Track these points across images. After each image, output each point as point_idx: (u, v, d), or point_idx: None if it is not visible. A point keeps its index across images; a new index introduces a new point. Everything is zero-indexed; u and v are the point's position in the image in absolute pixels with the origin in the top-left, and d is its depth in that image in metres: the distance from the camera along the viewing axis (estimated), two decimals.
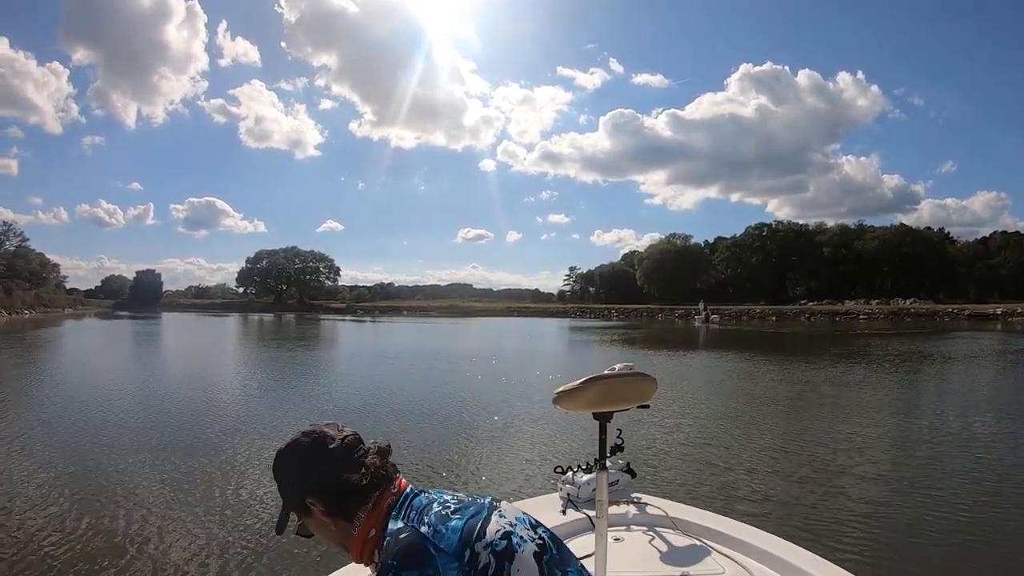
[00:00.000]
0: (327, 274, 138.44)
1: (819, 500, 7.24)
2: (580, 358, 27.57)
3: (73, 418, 11.96)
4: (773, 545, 2.66)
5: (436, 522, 1.42)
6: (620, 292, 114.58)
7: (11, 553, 5.67)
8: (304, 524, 1.59)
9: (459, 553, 1.36)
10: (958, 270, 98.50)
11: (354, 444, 1.55)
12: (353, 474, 1.51)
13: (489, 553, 1.37)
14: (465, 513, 1.45)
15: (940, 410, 13.11)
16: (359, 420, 11.84)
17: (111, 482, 7.71)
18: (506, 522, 1.46)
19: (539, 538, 1.48)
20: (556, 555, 1.49)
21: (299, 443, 1.56)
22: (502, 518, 1.47)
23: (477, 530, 1.41)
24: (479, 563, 1.36)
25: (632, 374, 2.16)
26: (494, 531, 1.42)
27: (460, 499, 1.52)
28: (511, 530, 1.44)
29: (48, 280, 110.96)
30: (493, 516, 1.47)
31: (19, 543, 5.88)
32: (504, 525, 1.45)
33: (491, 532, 1.41)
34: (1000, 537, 6.15)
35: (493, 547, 1.38)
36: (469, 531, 1.40)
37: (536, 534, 1.49)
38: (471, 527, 1.41)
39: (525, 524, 1.50)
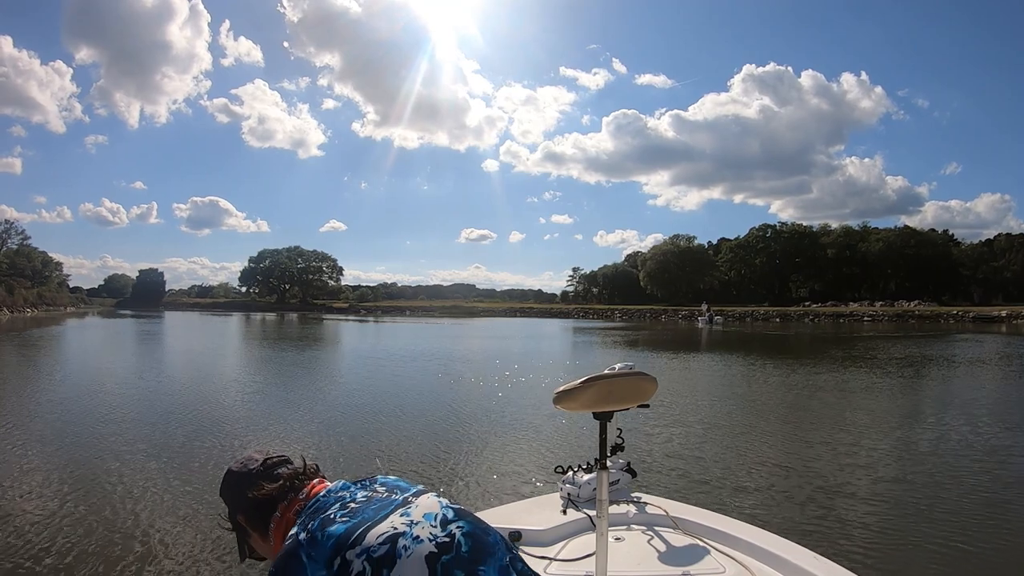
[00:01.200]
0: (330, 274, 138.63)
1: (820, 500, 7.21)
2: (583, 359, 27.31)
3: (68, 416, 11.83)
4: (774, 544, 2.66)
5: (317, 528, 1.39)
6: (623, 293, 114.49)
7: (9, 553, 5.61)
8: (251, 546, 1.69)
9: (328, 561, 1.32)
10: (962, 272, 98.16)
11: (275, 464, 1.66)
12: (264, 486, 1.60)
13: (364, 560, 1.31)
14: (356, 515, 1.42)
15: (944, 413, 12.95)
16: (358, 421, 11.76)
17: (107, 482, 7.59)
18: (405, 521, 1.41)
19: (446, 536, 1.40)
20: (465, 554, 1.39)
21: (229, 470, 1.70)
22: (404, 516, 1.42)
23: (356, 535, 1.36)
24: (351, 571, 1.30)
25: (632, 374, 2.16)
26: (378, 535, 1.36)
27: (369, 497, 1.50)
28: (403, 531, 1.38)
29: (51, 278, 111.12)
30: (392, 516, 1.42)
31: (17, 542, 5.84)
32: (399, 525, 1.39)
33: (373, 536, 1.35)
34: (1002, 538, 6.11)
35: (370, 553, 1.32)
36: (346, 537, 1.36)
37: (444, 531, 1.41)
38: (350, 532, 1.37)
39: (433, 520, 1.43)
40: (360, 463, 8.74)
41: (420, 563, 1.32)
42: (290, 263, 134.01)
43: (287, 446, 9.47)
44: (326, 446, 9.76)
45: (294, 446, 9.67)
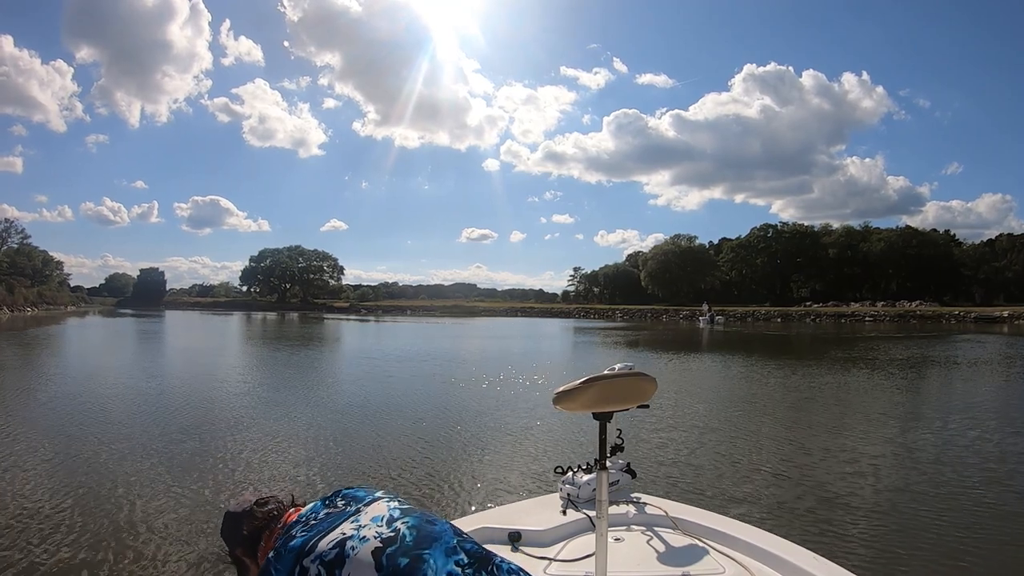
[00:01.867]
0: (331, 273, 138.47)
1: (820, 500, 7.20)
2: (583, 360, 27.23)
3: (60, 415, 11.73)
4: (773, 545, 2.67)
5: (281, 545, 1.61)
6: (624, 292, 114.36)
7: (7, 553, 5.59)
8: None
9: (290, 571, 1.52)
10: (964, 273, 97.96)
11: (264, 502, 1.84)
12: (254, 522, 1.79)
13: (318, 565, 1.50)
14: (312, 529, 1.63)
15: (947, 415, 12.83)
16: (355, 422, 11.67)
17: (102, 481, 7.52)
18: (353, 527, 1.58)
19: (391, 532, 1.56)
20: (409, 543, 1.55)
21: (227, 512, 1.87)
22: (353, 523, 1.61)
23: (310, 544, 1.55)
24: (308, 575, 1.50)
25: (631, 374, 2.16)
26: (328, 542, 1.55)
27: (328, 513, 1.71)
28: (351, 535, 1.55)
29: (51, 277, 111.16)
30: (343, 524, 1.61)
31: (12, 542, 5.81)
32: (347, 531, 1.57)
33: (323, 544, 1.55)
34: (1002, 539, 6.11)
35: (322, 558, 1.51)
36: (302, 547, 1.56)
37: (390, 528, 1.58)
38: (305, 543, 1.57)
39: (380, 521, 1.60)
40: (351, 466, 8.64)
41: (367, 558, 1.49)
42: (291, 262, 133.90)
43: (282, 447, 9.50)
44: (319, 450, 9.62)
45: (289, 447, 9.58)
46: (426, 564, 1.51)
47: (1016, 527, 6.46)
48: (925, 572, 5.40)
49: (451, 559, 1.54)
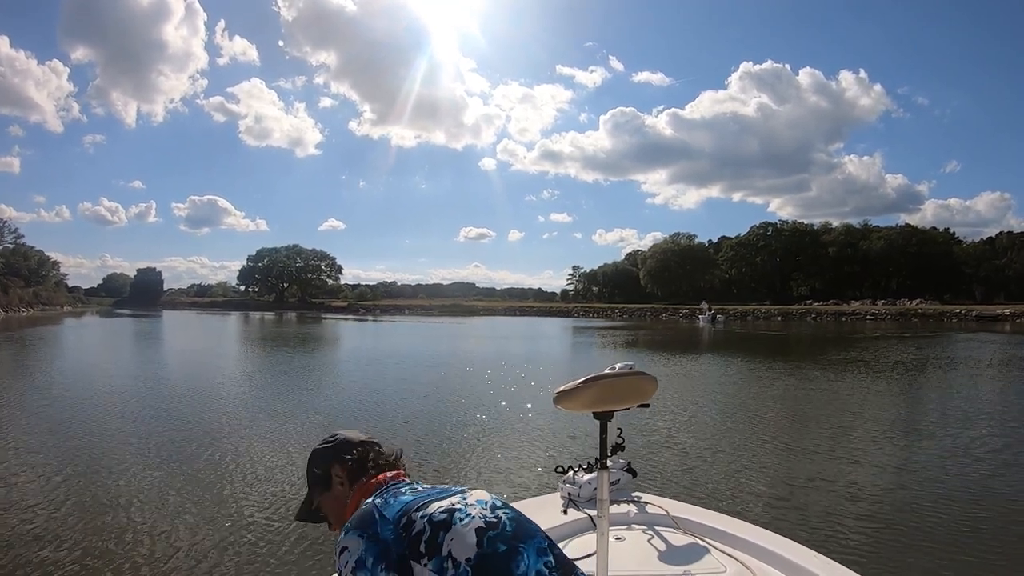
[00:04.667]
0: (329, 272, 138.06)
1: (821, 499, 7.21)
2: (581, 363, 26.87)
3: (50, 418, 11.48)
4: (775, 544, 2.66)
5: (389, 497, 1.66)
6: (623, 291, 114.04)
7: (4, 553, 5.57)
8: (319, 504, 1.92)
9: (396, 519, 1.55)
10: (964, 271, 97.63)
11: (375, 443, 1.93)
12: (368, 453, 1.87)
13: (425, 521, 1.54)
14: (421, 494, 1.67)
15: (948, 414, 12.66)
16: (352, 423, 11.19)
17: (94, 482, 7.43)
18: (461, 500, 1.62)
19: (494, 517, 1.60)
20: (508, 532, 1.59)
21: (338, 433, 1.95)
22: (460, 497, 1.64)
23: (420, 503, 1.60)
24: (413, 528, 1.53)
25: (632, 373, 2.16)
26: (439, 507, 1.58)
27: (432, 487, 1.75)
28: (459, 508, 1.59)
29: (47, 278, 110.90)
30: (450, 497, 1.64)
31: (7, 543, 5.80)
32: (456, 503, 1.61)
33: (434, 507, 1.58)
34: (1005, 539, 6.08)
35: (431, 517, 1.55)
36: (412, 503, 1.60)
37: (493, 515, 1.61)
38: (416, 500, 1.62)
39: (484, 505, 1.63)
40: None
41: (471, 534, 1.53)
42: (289, 262, 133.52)
43: (277, 449, 9.26)
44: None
45: (282, 448, 9.33)
46: (520, 557, 1.55)
47: (1020, 527, 6.42)
48: (927, 570, 5.37)
49: (541, 559, 1.58)
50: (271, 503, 6.93)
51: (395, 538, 1.53)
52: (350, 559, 1.52)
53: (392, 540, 1.53)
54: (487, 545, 1.54)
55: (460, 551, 1.50)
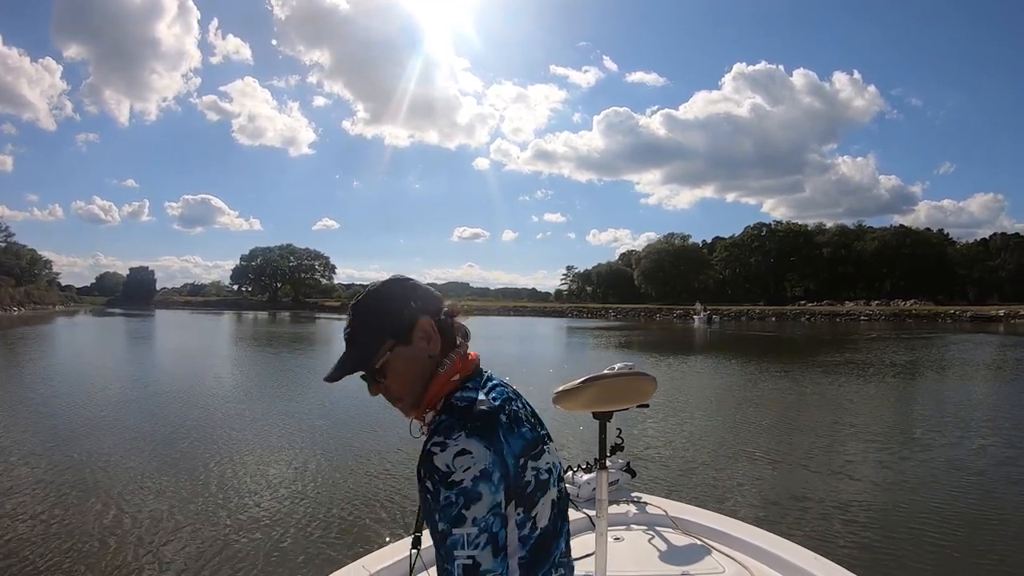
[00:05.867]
0: (322, 272, 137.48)
1: (820, 500, 7.22)
2: (582, 363, 26.71)
3: (34, 419, 11.40)
4: (774, 544, 2.66)
5: (511, 419, 1.37)
6: (617, 292, 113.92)
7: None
8: (386, 362, 1.43)
9: (517, 457, 1.33)
10: (958, 272, 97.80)
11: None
12: (455, 319, 1.52)
13: (534, 476, 1.36)
14: (532, 430, 1.41)
15: (946, 417, 12.55)
16: (350, 424, 11.21)
17: (79, 489, 7.27)
18: (553, 460, 1.44)
19: (559, 493, 1.45)
20: (563, 507, 1.47)
21: (406, 276, 1.54)
22: (551, 455, 1.45)
23: (535, 451, 1.38)
24: (524, 478, 1.34)
25: (631, 373, 2.17)
26: (545, 463, 1.40)
27: (527, 411, 1.47)
28: (552, 468, 1.42)
29: (40, 277, 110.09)
30: (547, 453, 1.43)
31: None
32: (552, 462, 1.43)
33: (542, 462, 1.39)
34: (1000, 538, 6.13)
35: (538, 473, 1.37)
36: (531, 446, 1.37)
37: (558, 490, 1.45)
38: (533, 443, 1.38)
39: (559, 473, 1.46)
40: (346, 467, 8.19)
41: (550, 504, 1.39)
42: (282, 261, 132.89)
43: (272, 453, 9.19)
44: (312, 452, 9.29)
45: (280, 452, 9.24)
46: (561, 539, 1.45)
47: (1018, 529, 6.44)
48: (925, 571, 5.40)
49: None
50: (266, 503, 6.83)
51: (514, 473, 1.31)
52: (474, 466, 1.24)
53: (512, 472, 1.31)
54: (552, 522, 1.40)
55: (541, 519, 1.36)
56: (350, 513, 6.72)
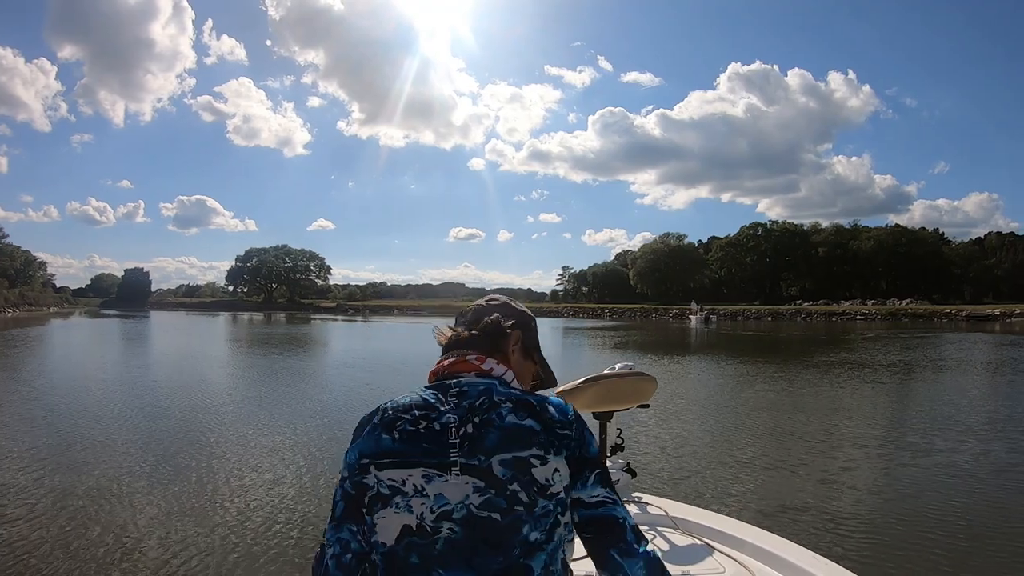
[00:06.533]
0: (318, 273, 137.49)
1: (820, 500, 7.20)
2: (580, 364, 26.61)
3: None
4: (774, 544, 2.64)
5: (384, 423, 1.37)
6: (613, 292, 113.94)
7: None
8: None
9: (362, 455, 1.34)
10: (954, 271, 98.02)
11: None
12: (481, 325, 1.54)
13: (376, 483, 1.31)
14: (404, 444, 1.34)
15: (948, 417, 12.42)
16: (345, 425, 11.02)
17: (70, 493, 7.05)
18: (430, 488, 1.28)
19: (435, 527, 1.26)
20: (434, 547, 1.25)
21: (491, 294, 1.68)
22: (432, 483, 1.28)
23: (390, 462, 1.31)
24: (364, 479, 1.32)
25: (632, 374, 2.21)
26: (404, 479, 1.29)
27: (435, 429, 1.38)
28: (416, 491, 1.28)
29: (34, 278, 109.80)
30: (425, 472, 1.29)
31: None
32: (420, 486, 1.28)
33: (399, 475, 1.30)
34: (1004, 539, 6.08)
35: (381, 485, 1.30)
36: (386, 455, 1.32)
37: (444, 525, 1.26)
38: (392, 454, 1.32)
39: (450, 508, 1.26)
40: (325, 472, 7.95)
41: (402, 529, 1.32)
42: (277, 262, 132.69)
43: (266, 455, 8.99)
44: (308, 455, 9.05)
45: (274, 454, 9.04)
46: None
47: (1018, 527, 6.41)
48: (926, 571, 5.36)
49: None
50: (263, 504, 6.75)
51: (352, 465, 1.35)
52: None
53: (352, 464, 1.36)
54: (405, 551, 1.31)
55: (383, 535, 1.32)
56: None
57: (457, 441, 1.30)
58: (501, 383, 1.41)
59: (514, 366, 1.51)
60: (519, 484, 1.26)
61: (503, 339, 1.52)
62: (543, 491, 1.27)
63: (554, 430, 1.32)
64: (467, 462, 1.28)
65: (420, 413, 1.34)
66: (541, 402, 1.36)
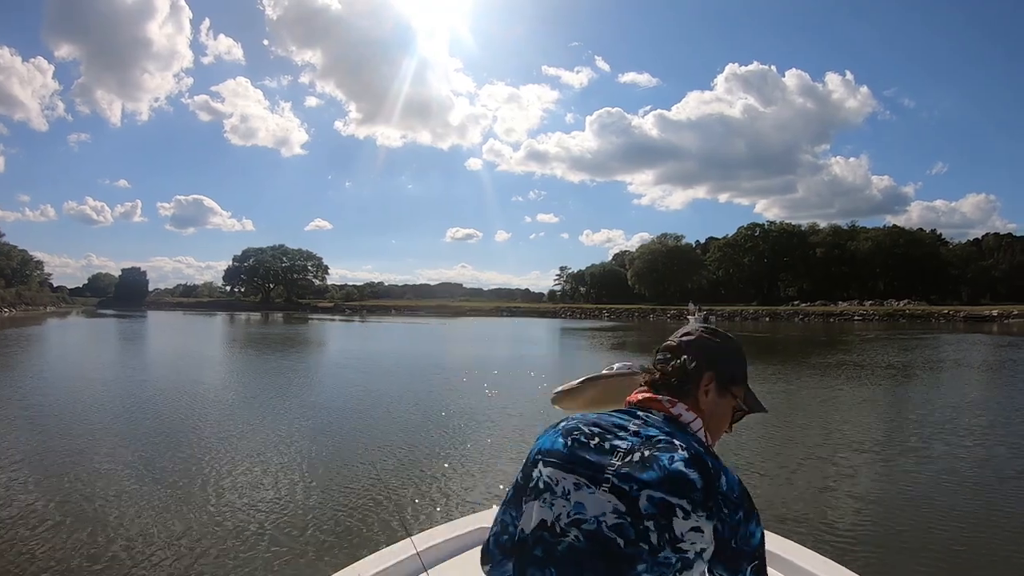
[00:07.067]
0: (315, 273, 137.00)
1: (820, 499, 7.22)
2: (577, 365, 26.53)
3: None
4: (774, 544, 2.58)
5: (566, 429, 1.50)
6: (611, 292, 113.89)
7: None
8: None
9: (538, 451, 1.50)
10: (951, 272, 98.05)
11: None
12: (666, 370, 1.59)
13: (538, 477, 1.45)
14: (569, 450, 1.47)
15: (950, 418, 12.36)
16: (343, 425, 10.93)
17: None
18: (574, 495, 1.40)
19: (561, 532, 1.38)
20: (555, 548, 1.38)
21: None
22: (577, 491, 1.42)
23: (553, 461, 1.46)
24: (532, 471, 1.48)
25: (631, 374, 2.15)
26: (555, 480, 1.43)
27: (596, 442, 1.48)
28: (556, 489, 1.42)
29: (31, 278, 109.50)
30: (574, 478, 1.44)
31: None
32: (566, 490, 1.41)
33: (554, 475, 1.44)
34: (1005, 540, 6.09)
35: (539, 479, 1.45)
36: (553, 455, 1.46)
37: (571, 532, 1.38)
38: (557, 455, 1.46)
39: (575, 516, 1.39)
40: (341, 467, 7.87)
41: (538, 522, 1.44)
42: (274, 262, 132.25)
43: (264, 455, 8.94)
44: (306, 455, 8.94)
45: (271, 454, 8.95)
46: None
47: (1019, 529, 6.41)
48: (927, 571, 5.36)
49: None
50: (260, 506, 6.70)
51: (529, 460, 1.51)
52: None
53: (529, 458, 1.51)
54: (533, 544, 1.45)
55: (524, 523, 1.46)
56: (345, 517, 6.57)
57: (618, 463, 1.36)
58: (686, 430, 1.46)
59: (707, 407, 1.53)
60: (655, 525, 1.29)
61: (692, 384, 1.53)
62: (673, 543, 1.29)
63: (714, 495, 1.32)
64: (618, 484, 1.33)
65: (598, 430, 1.44)
66: (716, 467, 1.36)
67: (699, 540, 1.30)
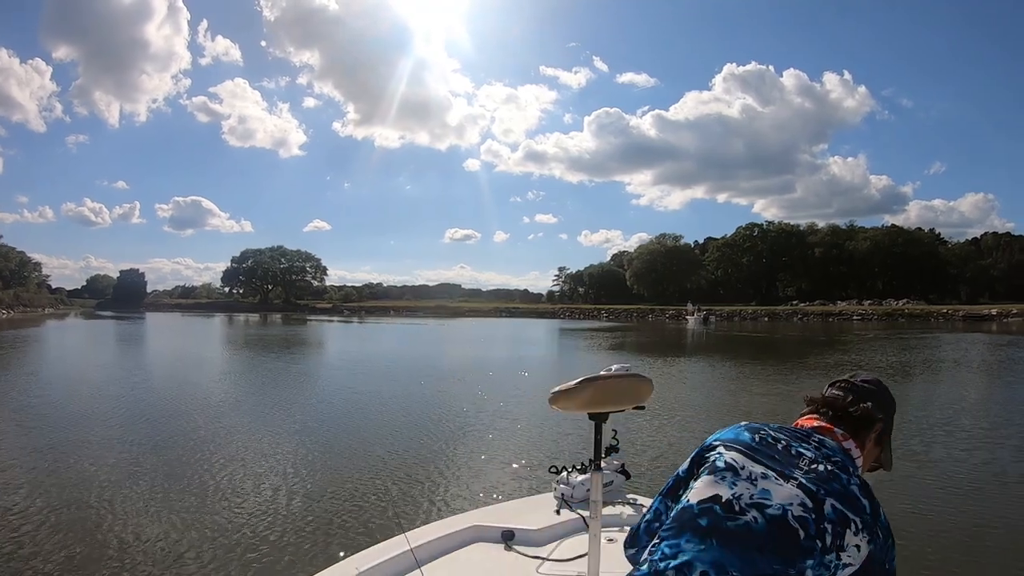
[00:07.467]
0: (313, 274, 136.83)
1: None
2: (577, 367, 26.48)
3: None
4: None
5: (706, 445, 1.63)
6: (609, 292, 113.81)
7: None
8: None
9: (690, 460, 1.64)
10: (950, 271, 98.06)
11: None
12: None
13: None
14: (690, 467, 1.64)
15: (951, 418, 12.35)
16: (344, 425, 10.88)
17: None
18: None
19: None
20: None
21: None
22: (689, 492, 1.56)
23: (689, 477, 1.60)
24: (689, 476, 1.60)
25: (628, 375, 2.18)
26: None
27: (723, 462, 1.59)
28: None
29: (29, 279, 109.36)
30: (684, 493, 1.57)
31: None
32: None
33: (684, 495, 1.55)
34: (1006, 540, 6.10)
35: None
36: (693, 465, 1.62)
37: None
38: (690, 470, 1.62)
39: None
40: (341, 466, 7.78)
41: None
42: (273, 263, 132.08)
43: (263, 455, 8.92)
44: (304, 455, 8.89)
45: (270, 454, 8.92)
46: None
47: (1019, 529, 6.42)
48: (927, 572, 5.39)
49: None
50: (256, 503, 6.69)
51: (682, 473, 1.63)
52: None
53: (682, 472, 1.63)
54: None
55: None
56: (340, 512, 6.60)
57: (805, 468, 1.47)
58: (854, 464, 1.56)
59: (867, 451, 1.67)
60: (832, 529, 1.37)
61: (867, 430, 1.67)
62: (839, 550, 1.36)
63: (874, 525, 1.42)
64: (807, 484, 1.43)
65: (784, 436, 1.56)
66: (877, 504, 1.46)
67: (855, 556, 1.37)
